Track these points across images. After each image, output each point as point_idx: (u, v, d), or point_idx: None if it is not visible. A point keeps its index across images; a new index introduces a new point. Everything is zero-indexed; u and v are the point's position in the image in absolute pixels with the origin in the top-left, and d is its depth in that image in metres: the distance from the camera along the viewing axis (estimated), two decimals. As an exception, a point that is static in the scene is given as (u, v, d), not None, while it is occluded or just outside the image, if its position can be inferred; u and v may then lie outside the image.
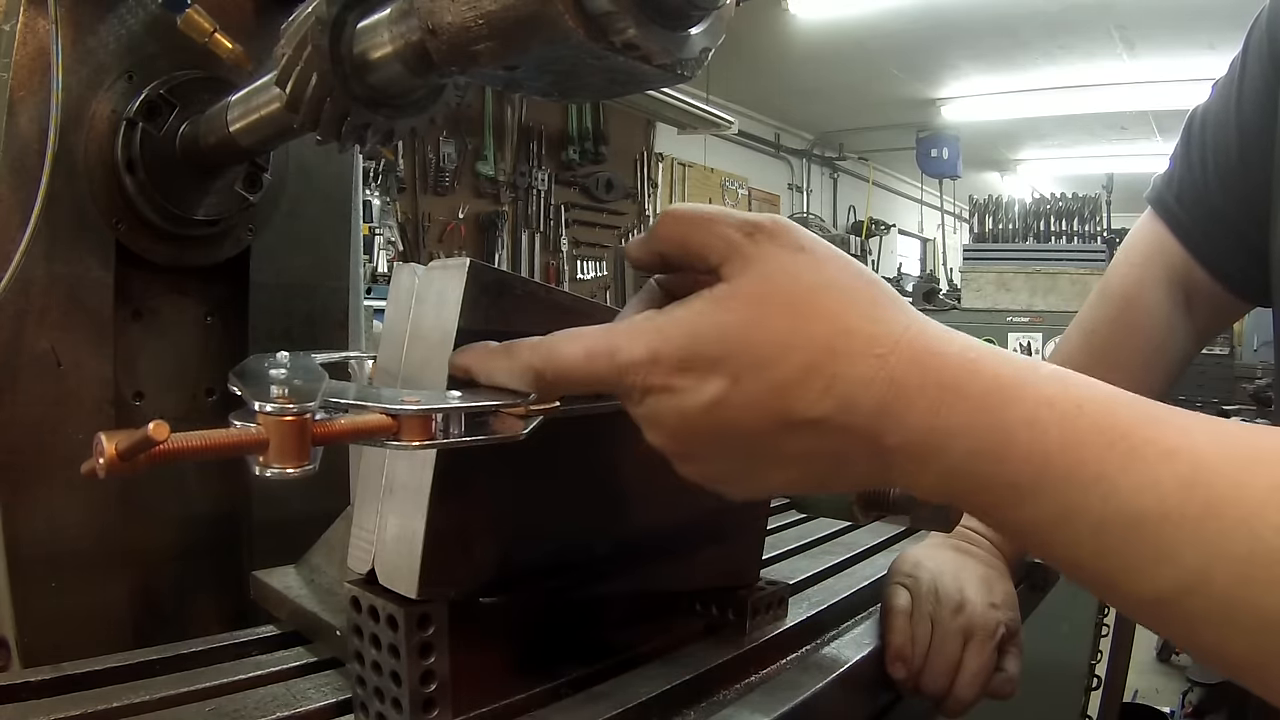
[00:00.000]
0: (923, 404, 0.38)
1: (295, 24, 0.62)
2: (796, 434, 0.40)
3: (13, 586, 0.75)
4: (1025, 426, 0.37)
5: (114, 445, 0.34)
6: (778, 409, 0.39)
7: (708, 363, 0.40)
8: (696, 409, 0.40)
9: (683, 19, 0.50)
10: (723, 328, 0.40)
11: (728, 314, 0.40)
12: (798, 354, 0.39)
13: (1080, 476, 0.36)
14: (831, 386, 0.39)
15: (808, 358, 0.39)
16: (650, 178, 7.46)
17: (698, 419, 0.40)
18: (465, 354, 0.47)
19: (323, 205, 1.00)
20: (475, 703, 0.53)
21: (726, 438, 0.41)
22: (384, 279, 4.37)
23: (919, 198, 10.43)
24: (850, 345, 0.39)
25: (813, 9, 5.88)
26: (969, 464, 0.38)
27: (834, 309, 0.40)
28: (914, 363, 0.39)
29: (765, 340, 0.39)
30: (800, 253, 0.41)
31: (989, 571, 0.78)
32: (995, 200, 5.52)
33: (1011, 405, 0.38)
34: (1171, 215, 0.91)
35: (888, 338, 0.39)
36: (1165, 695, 3.41)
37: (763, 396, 0.39)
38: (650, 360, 0.40)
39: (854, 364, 0.39)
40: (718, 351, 0.40)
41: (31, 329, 0.76)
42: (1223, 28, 5.32)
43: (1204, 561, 0.35)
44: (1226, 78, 0.87)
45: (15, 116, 0.75)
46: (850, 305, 0.40)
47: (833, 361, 0.39)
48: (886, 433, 0.39)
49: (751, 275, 0.41)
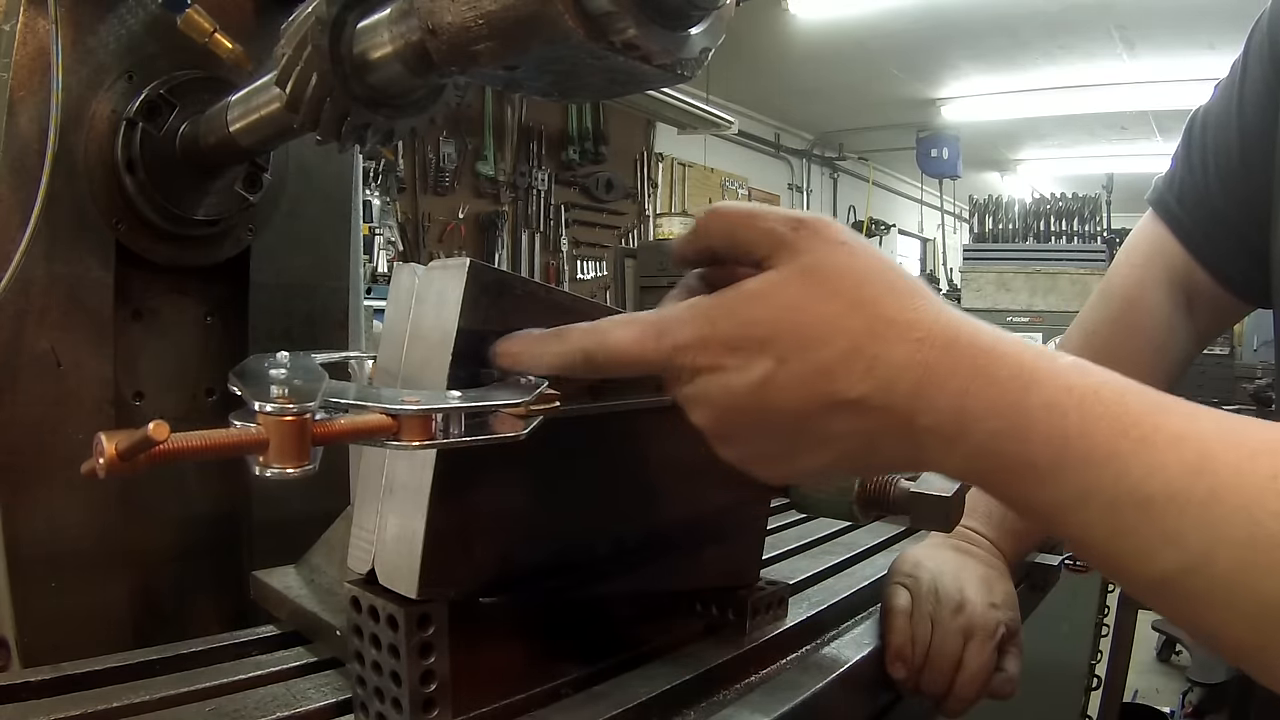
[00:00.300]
0: (953, 386, 0.40)
1: (295, 24, 0.62)
2: (837, 414, 0.42)
3: (13, 586, 0.75)
4: (1045, 409, 0.39)
5: (114, 445, 0.34)
6: (821, 389, 0.42)
7: (756, 343, 0.42)
8: (744, 388, 0.42)
9: (683, 19, 0.50)
10: (771, 311, 0.42)
11: (775, 299, 0.42)
12: (841, 338, 0.41)
13: (1095, 458, 0.38)
14: (872, 368, 0.41)
15: (850, 341, 0.41)
16: (650, 178, 7.46)
17: (744, 398, 0.42)
18: (512, 341, 0.49)
19: (323, 205, 1.00)
20: (475, 703, 0.53)
21: (770, 417, 0.43)
22: (384, 279, 4.37)
23: (919, 198, 10.43)
24: (889, 331, 0.41)
25: (813, 9, 5.88)
26: (992, 444, 0.40)
27: (874, 297, 0.42)
28: (946, 349, 0.41)
29: (811, 324, 0.42)
30: (842, 246, 0.43)
31: (989, 571, 0.78)
32: (995, 200, 5.52)
33: (1032, 390, 0.40)
34: (1173, 216, 0.91)
35: (922, 325, 0.41)
36: (1165, 695, 3.41)
37: (807, 376, 0.41)
38: (700, 341, 0.43)
39: (892, 348, 0.41)
40: (765, 333, 0.42)
41: (31, 329, 0.76)
42: (1223, 28, 5.33)
43: (1207, 544, 0.37)
44: (1228, 79, 0.87)
45: (15, 116, 0.75)
46: (889, 294, 0.42)
47: (873, 345, 0.41)
48: (919, 413, 0.41)
49: (798, 265, 0.43)
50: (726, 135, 7.38)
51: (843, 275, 0.43)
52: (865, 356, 0.41)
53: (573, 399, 0.50)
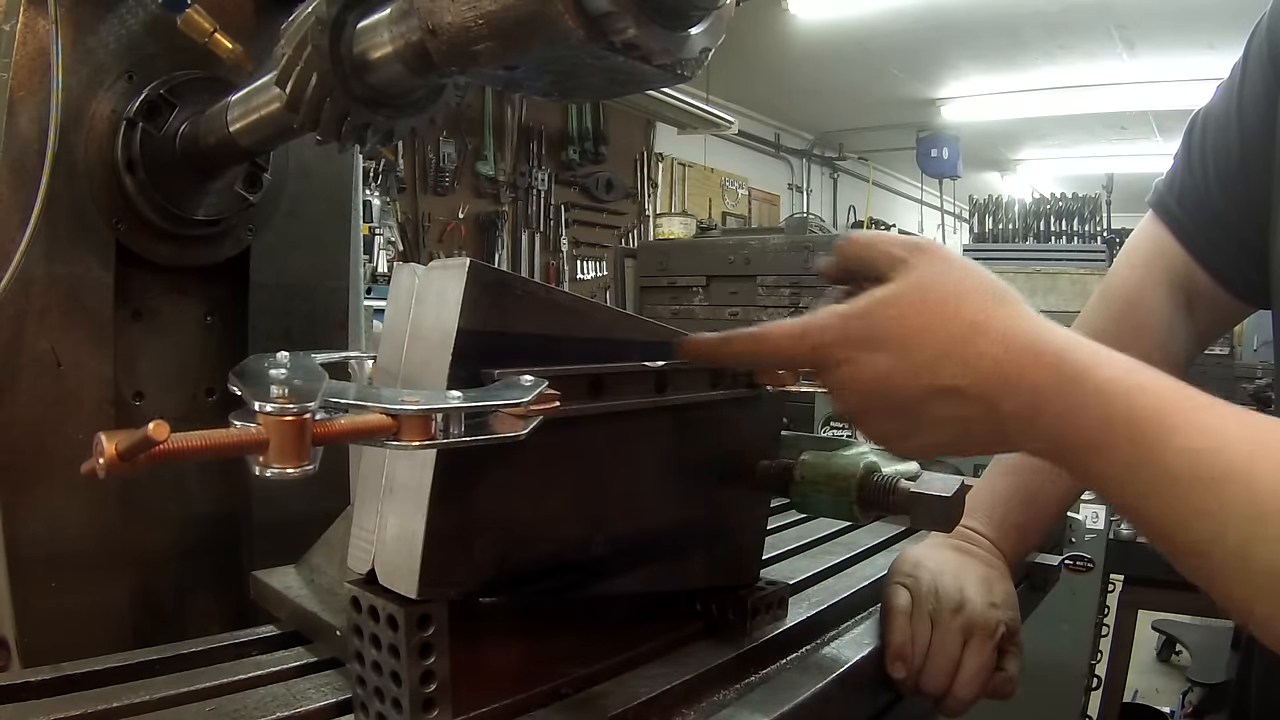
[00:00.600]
0: (1028, 379, 0.50)
1: (295, 24, 0.62)
2: (939, 401, 0.52)
3: (13, 586, 0.75)
4: (1096, 396, 0.49)
5: (114, 445, 0.34)
6: (926, 380, 0.52)
7: (877, 342, 0.53)
8: (870, 377, 0.53)
9: (683, 19, 0.50)
10: (889, 316, 0.53)
11: (892, 307, 0.53)
12: (942, 338, 0.52)
13: (1139, 439, 0.47)
14: (966, 364, 0.51)
15: (949, 342, 0.52)
16: (650, 178, 7.46)
17: (871, 385, 0.53)
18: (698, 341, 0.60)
19: (323, 205, 1.00)
20: (475, 703, 0.53)
21: (891, 402, 0.53)
22: (384, 279, 4.36)
23: (919, 198, 10.42)
24: (978, 334, 0.51)
25: (813, 9, 5.87)
26: (1058, 425, 0.50)
27: (968, 306, 0.52)
28: (1024, 349, 0.51)
29: (919, 327, 0.52)
30: (945, 263, 0.55)
31: (989, 571, 0.78)
32: (995, 200, 5.52)
33: (1088, 380, 0.49)
34: (1173, 218, 0.91)
35: (1006, 329, 0.51)
36: (1165, 695, 3.41)
37: (916, 369, 0.52)
38: (836, 340, 0.54)
39: (981, 348, 0.51)
40: (884, 334, 0.53)
41: (31, 329, 0.76)
42: (1223, 28, 5.32)
43: (1220, 518, 0.45)
44: (1227, 82, 0.87)
45: (15, 116, 0.75)
46: (980, 304, 0.52)
47: (966, 346, 0.51)
48: (1004, 400, 0.51)
49: (910, 280, 0.54)
50: (726, 135, 7.37)
51: (943, 288, 0.53)
52: (960, 355, 0.51)
53: (573, 399, 0.50)
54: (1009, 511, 0.86)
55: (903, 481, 0.66)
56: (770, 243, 4.47)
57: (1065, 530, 1.24)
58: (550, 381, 0.48)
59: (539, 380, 0.47)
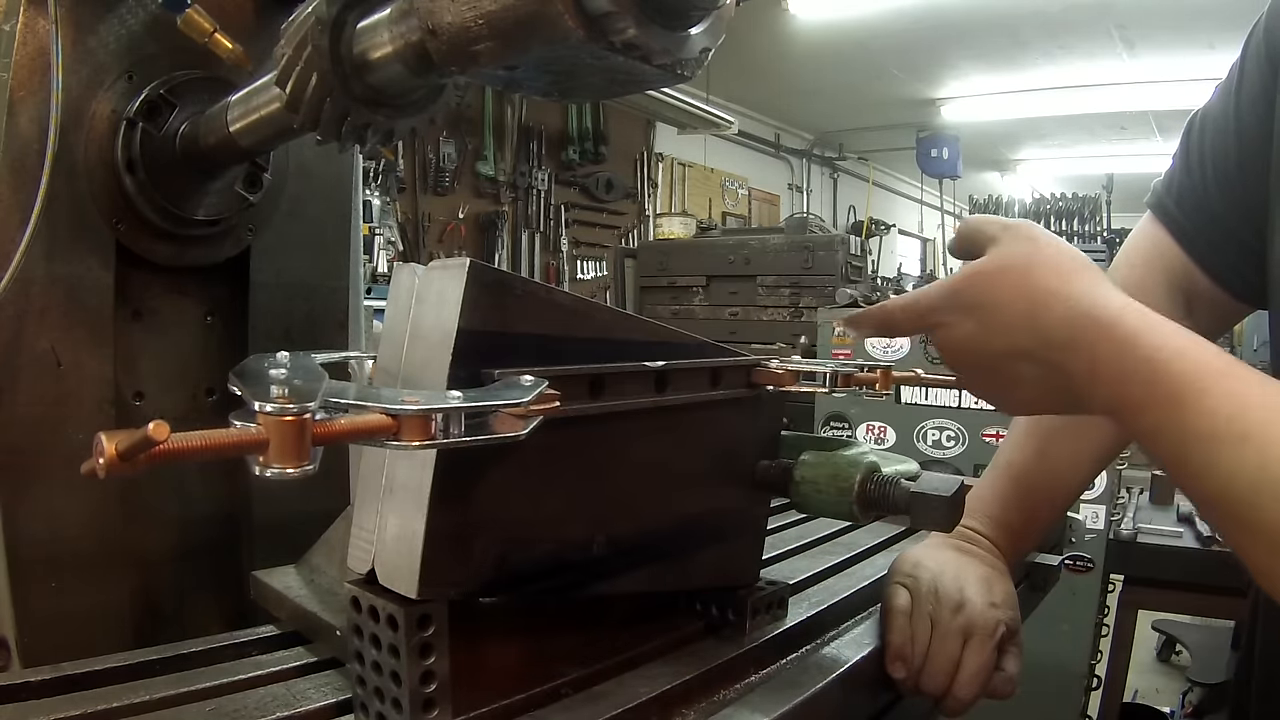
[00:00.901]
0: (1088, 340, 0.57)
1: (295, 24, 0.62)
2: (1016, 362, 0.61)
3: (13, 586, 0.75)
4: (1144, 362, 0.55)
5: (114, 445, 0.34)
6: (1002, 343, 0.61)
7: (967, 309, 0.62)
8: (963, 337, 0.62)
9: (683, 19, 0.50)
10: (976, 287, 0.62)
11: (980, 278, 0.62)
12: (1019, 307, 0.60)
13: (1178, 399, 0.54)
14: (1035, 330, 0.59)
15: (1023, 311, 0.60)
16: (650, 178, 7.46)
17: (964, 344, 0.63)
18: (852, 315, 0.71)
19: (323, 205, 1.00)
20: (475, 703, 0.53)
21: (979, 360, 0.63)
22: (384, 279, 4.36)
23: (919, 198, 10.42)
24: (1049, 304, 0.59)
25: (813, 9, 5.87)
26: (1114, 386, 0.57)
27: (1043, 276, 0.60)
28: (1086, 314, 0.58)
29: (997, 298, 0.61)
30: (1029, 240, 0.62)
31: (989, 571, 0.78)
32: (995, 200, 5.52)
33: (1139, 345, 0.56)
34: (1171, 219, 0.91)
35: (1071, 298, 0.58)
36: (1165, 695, 3.41)
37: (994, 332, 0.61)
38: (939, 305, 0.64)
39: (1050, 316, 0.59)
40: (972, 302, 0.62)
41: (31, 329, 0.76)
42: (1223, 28, 5.32)
43: (1230, 474, 0.51)
44: (1225, 83, 0.87)
45: (15, 116, 0.75)
46: (1054, 275, 0.60)
47: (1037, 314, 0.59)
48: (1069, 361, 0.58)
49: (996, 256, 0.62)
50: (726, 135, 7.38)
51: (1024, 261, 0.61)
52: (1029, 322, 0.59)
53: (573, 399, 0.50)
54: (1009, 511, 0.86)
55: (903, 481, 0.66)
56: (770, 243, 4.49)
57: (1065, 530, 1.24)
58: (550, 381, 0.48)
59: (539, 380, 0.47)
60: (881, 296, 3.40)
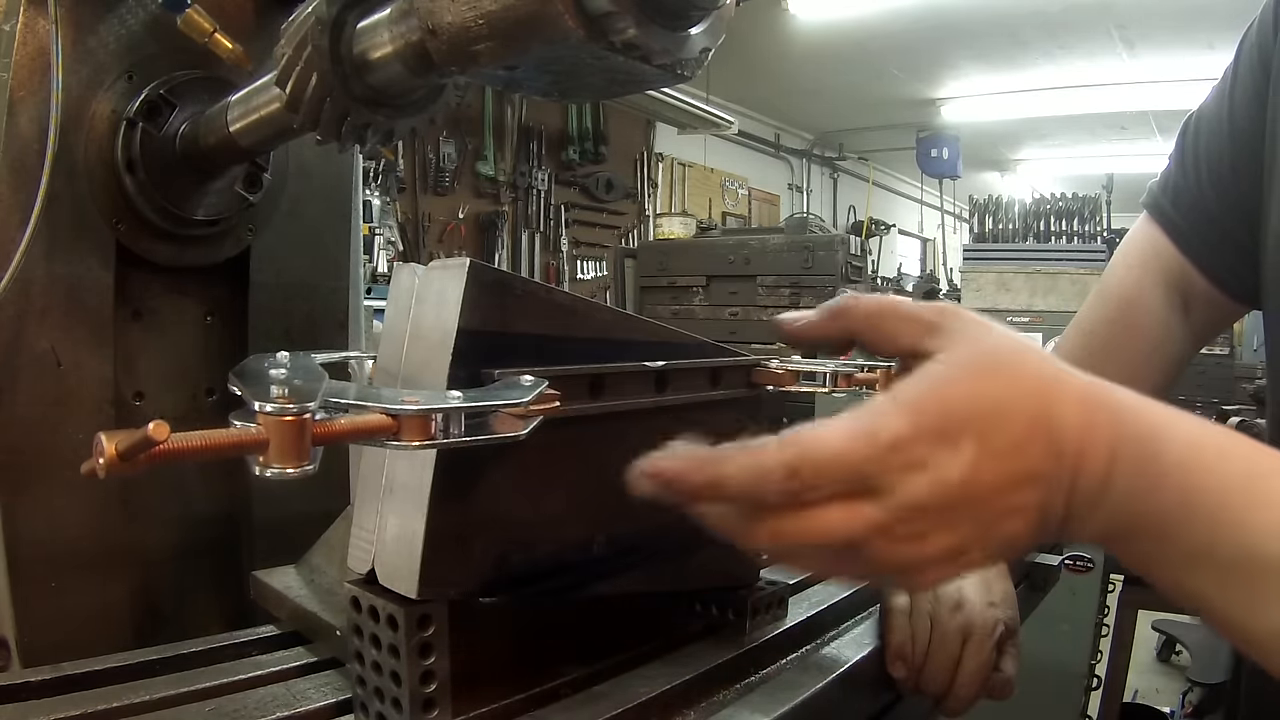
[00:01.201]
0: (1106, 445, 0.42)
1: (295, 24, 0.62)
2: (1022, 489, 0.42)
3: (13, 586, 0.75)
4: (1177, 466, 0.43)
5: (114, 445, 0.34)
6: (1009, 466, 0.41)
7: (958, 427, 0.41)
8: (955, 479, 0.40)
9: (683, 19, 0.50)
10: (964, 394, 0.42)
11: (962, 382, 0.42)
12: (1024, 407, 0.42)
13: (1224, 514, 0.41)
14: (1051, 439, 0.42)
15: (1031, 411, 0.42)
16: (650, 178, 7.46)
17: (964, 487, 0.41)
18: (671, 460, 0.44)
19: (323, 205, 1.00)
20: (475, 703, 0.53)
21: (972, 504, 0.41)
22: (384, 279, 4.36)
23: (919, 198, 10.42)
24: (1062, 393, 0.43)
25: (813, 9, 5.87)
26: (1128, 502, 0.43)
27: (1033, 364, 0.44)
28: (1101, 406, 0.43)
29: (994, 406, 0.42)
30: (983, 325, 0.45)
31: (988, 571, 0.78)
32: (995, 200, 5.51)
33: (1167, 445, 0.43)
34: (1167, 220, 0.91)
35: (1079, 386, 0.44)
36: (1165, 695, 3.41)
37: (999, 454, 0.41)
38: (913, 434, 0.40)
39: (1065, 410, 0.42)
40: (961, 420, 0.41)
41: (31, 329, 0.76)
42: (1223, 28, 5.32)
43: None
44: (1219, 84, 0.87)
45: (15, 116, 0.75)
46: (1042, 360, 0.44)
47: (1050, 411, 0.42)
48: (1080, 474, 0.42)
49: (965, 350, 0.43)
50: (726, 135, 7.38)
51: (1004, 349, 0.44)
52: (1043, 430, 0.42)
53: (573, 399, 0.50)
54: None
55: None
56: (770, 243, 4.49)
57: (1065, 530, 1.24)
58: (550, 381, 0.48)
59: (539, 380, 0.47)
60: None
